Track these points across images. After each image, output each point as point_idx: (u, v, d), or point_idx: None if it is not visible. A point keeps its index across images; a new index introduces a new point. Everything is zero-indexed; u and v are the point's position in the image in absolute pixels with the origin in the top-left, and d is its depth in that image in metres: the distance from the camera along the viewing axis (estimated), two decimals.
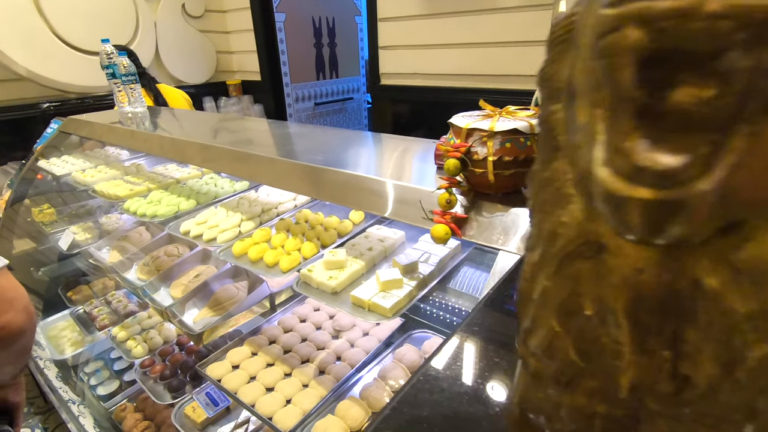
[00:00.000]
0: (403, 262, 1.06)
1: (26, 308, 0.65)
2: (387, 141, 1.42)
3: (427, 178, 1.06)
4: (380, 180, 1.04)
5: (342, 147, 1.42)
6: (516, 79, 2.88)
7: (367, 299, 0.97)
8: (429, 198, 0.95)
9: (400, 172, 1.12)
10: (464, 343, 0.53)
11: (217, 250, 1.30)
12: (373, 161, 1.22)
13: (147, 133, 1.80)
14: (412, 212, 0.98)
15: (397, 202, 1.01)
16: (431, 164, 1.15)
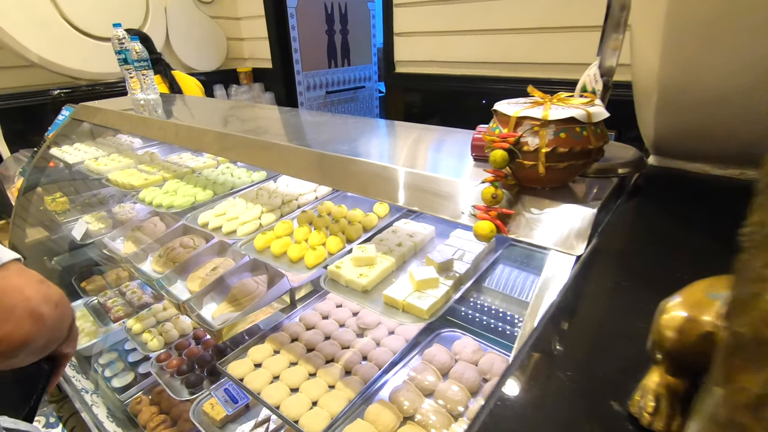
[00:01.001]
0: (437, 259, 0.99)
1: (33, 313, 0.57)
2: (414, 130, 1.35)
3: (463, 171, 0.99)
4: (414, 172, 0.97)
5: (366, 136, 1.35)
6: (536, 67, 2.78)
7: (401, 299, 0.91)
8: (469, 192, 0.88)
9: (434, 163, 1.05)
10: (540, 363, 0.47)
11: (238, 244, 1.24)
12: (402, 151, 1.15)
13: (161, 121, 1.74)
14: (449, 207, 0.91)
15: (432, 195, 0.94)
16: (466, 155, 1.08)
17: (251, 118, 1.67)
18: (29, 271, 0.62)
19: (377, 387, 1.09)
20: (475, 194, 0.88)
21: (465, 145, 1.17)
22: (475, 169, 1.00)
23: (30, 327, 0.56)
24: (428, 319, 0.88)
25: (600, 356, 0.45)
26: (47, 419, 2.44)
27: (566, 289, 0.58)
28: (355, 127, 1.47)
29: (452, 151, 1.15)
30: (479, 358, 1.14)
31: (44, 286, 0.61)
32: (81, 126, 2.51)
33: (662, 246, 0.71)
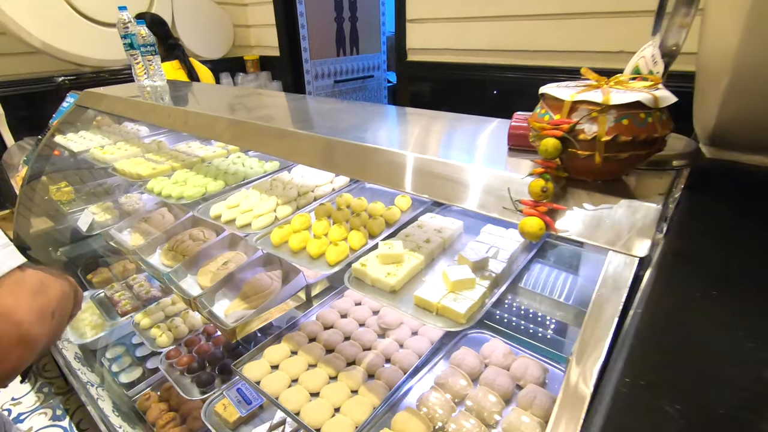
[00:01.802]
0: (472, 258, 0.92)
1: (23, 340, 0.52)
2: (440, 118, 1.26)
3: (500, 162, 0.91)
4: (447, 163, 0.89)
5: (388, 124, 1.27)
6: (555, 55, 2.67)
7: (435, 301, 0.83)
8: (511, 185, 0.80)
9: (466, 153, 0.97)
10: (639, 392, 0.39)
11: (253, 238, 1.17)
12: (430, 140, 1.07)
13: (170, 108, 1.66)
14: (489, 201, 0.83)
15: (469, 188, 0.86)
16: (500, 145, 1.00)
17: (263, 105, 1.59)
18: (25, 281, 0.56)
19: (403, 393, 1.03)
20: (517, 187, 0.80)
21: (498, 134, 1.09)
22: (512, 159, 0.92)
23: (19, 355, 0.51)
24: (465, 324, 0.80)
25: (712, 385, 0.37)
26: (54, 412, 2.41)
27: (646, 299, 0.51)
28: (375, 114, 1.39)
29: (485, 140, 1.06)
30: (511, 362, 1.07)
31: (40, 298, 0.55)
32: (86, 113, 2.43)
33: (740, 247, 0.63)
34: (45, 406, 2.46)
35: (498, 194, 0.82)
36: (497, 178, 0.82)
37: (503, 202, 0.81)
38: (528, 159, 0.90)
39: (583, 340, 0.65)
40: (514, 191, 0.80)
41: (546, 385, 1.02)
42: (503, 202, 0.81)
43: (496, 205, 0.82)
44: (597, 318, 0.65)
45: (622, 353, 0.43)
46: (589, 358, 0.64)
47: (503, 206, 0.81)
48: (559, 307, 1.07)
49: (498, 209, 0.82)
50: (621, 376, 0.40)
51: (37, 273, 0.61)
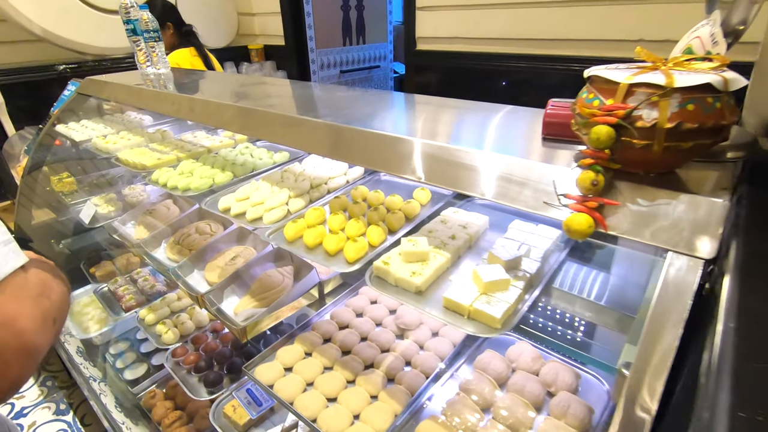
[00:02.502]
0: (503, 256, 0.85)
1: (25, 350, 0.47)
2: (464, 106, 1.19)
3: (535, 152, 0.84)
4: (480, 154, 0.82)
5: (407, 112, 1.19)
6: (569, 44, 2.58)
7: (467, 304, 0.76)
8: (553, 177, 0.73)
9: (498, 143, 0.89)
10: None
11: (265, 233, 1.10)
12: (456, 130, 0.99)
13: (175, 95, 1.58)
14: (527, 195, 0.76)
15: (504, 181, 0.79)
16: (533, 134, 0.92)
17: (273, 93, 1.51)
18: (28, 283, 0.50)
19: (425, 399, 0.96)
20: (560, 179, 0.72)
21: (527, 123, 1.01)
22: (547, 150, 0.84)
23: (21, 367, 0.46)
24: (501, 329, 0.73)
25: None
26: (57, 406, 2.37)
27: (737, 310, 0.44)
28: (391, 102, 1.31)
29: (514, 130, 0.99)
30: (539, 367, 1.00)
31: (43, 302, 0.50)
32: (88, 102, 2.36)
33: None
34: (48, 400, 2.42)
35: (538, 187, 0.75)
36: (537, 169, 0.75)
37: (544, 196, 0.74)
38: (566, 149, 0.83)
39: (643, 352, 0.58)
40: (555, 183, 0.73)
41: (578, 392, 0.95)
42: (544, 197, 0.74)
43: (536, 200, 0.75)
44: (659, 328, 0.58)
45: (722, 378, 0.36)
46: (652, 374, 0.57)
47: (544, 201, 0.74)
48: (593, 309, 1.00)
49: (537, 204, 0.75)
50: (732, 408, 0.33)
51: (38, 273, 0.55)
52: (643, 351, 0.58)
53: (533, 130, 0.96)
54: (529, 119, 1.04)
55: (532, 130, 0.96)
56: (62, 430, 2.24)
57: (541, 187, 0.75)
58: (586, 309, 0.86)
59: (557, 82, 2.68)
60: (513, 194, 0.78)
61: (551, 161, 0.77)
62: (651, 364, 0.57)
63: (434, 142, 0.88)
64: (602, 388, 0.96)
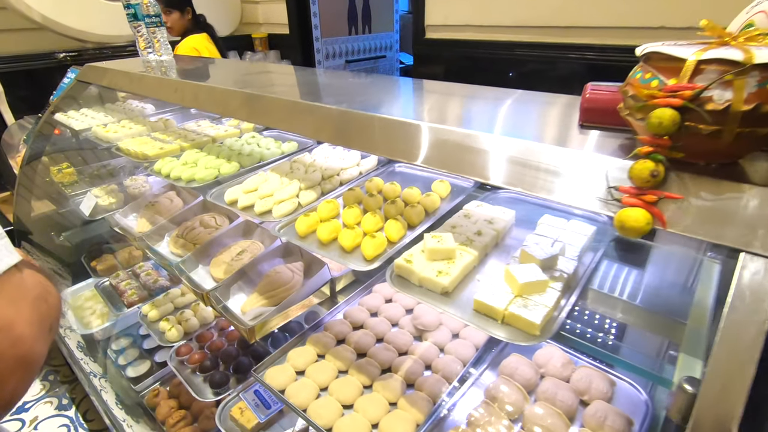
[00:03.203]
0: (538, 254, 0.77)
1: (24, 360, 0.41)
2: (488, 93, 1.11)
3: (573, 141, 0.76)
4: (515, 141, 0.74)
5: (428, 98, 1.11)
6: (586, 32, 2.48)
7: (501, 308, 0.69)
8: (603, 168, 0.65)
9: (532, 131, 0.82)
10: None
11: (275, 227, 1.03)
12: (486, 118, 0.91)
13: (178, 81, 1.51)
14: (569, 188, 0.69)
15: (542, 172, 0.71)
16: (569, 122, 0.85)
17: (281, 79, 1.43)
18: (25, 285, 0.43)
19: (449, 407, 0.89)
20: (605, 171, 0.65)
21: (562, 109, 0.94)
22: (587, 138, 0.77)
23: (19, 379, 0.39)
24: (540, 336, 0.66)
25: None
26: (59, 401, 2.32)
27: None
28: (412, 88, 1.23)
29: (547, 117, 0.91)
30: (570, 373, 0.93)
31: (41, 307, 0.43)
32: (88, 90, 2.29)
33: None
34: (51, 394, 2.37)
35: (581, 179, 0.67)
36: (580, 159, 0.67)
37: (589, 189, 0.66)
38: (609, 137, 0.75)
39: (716, 367, 0.51)
40: (599, 175, 0.65)
41: (613, 401, 0.88)
42: (589, 190, 0.66)
43: (580, 193, 0.67)
44: (734, 339, 0.51)
45: None
46: (729, 392, 0.50)
47: (589, 194, 0.67)
48: (617, 307, 0.93)
49: (583, 198, 0.67)
50: None
51: (35, 275, 0.49)
52: (716, 366, 0.51)
53: (567, 117, 0.88)
54: (560, 106, 0.96)
55: (566, 118, 0.88)
56: (64, 426, 2.19)
57: (586, 179, 0.67)
58: (627, 313, 0.79)
59: (570, 71, 2.59)
60: (552, 187, 0.70)
61: (596, 150, 0.69)
62: (727, 381, 0.50)
63: (461, 129, 0.80)
64: (639, 397, 0.89)
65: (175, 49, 2.94)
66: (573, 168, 0.68)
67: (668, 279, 0.91)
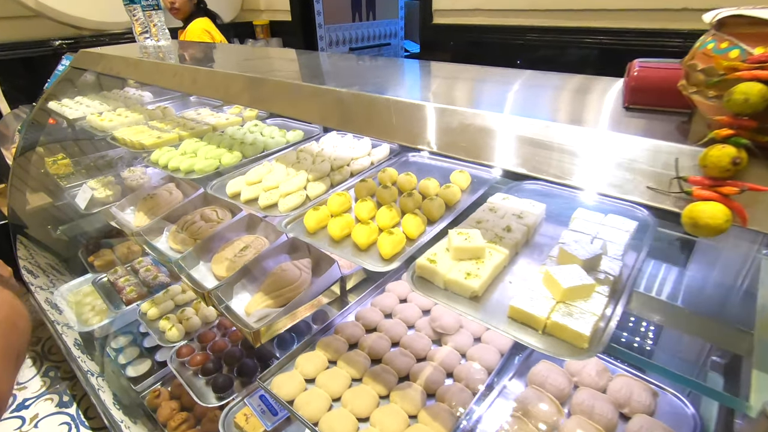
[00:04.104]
0: (580, 254, 0.68)
1: None
2: (512, 76, 1.01)
3: (621, 124, 0.67)
4: (559, 127, 0.65)
5: (453, 82, 1.01)
6: (603, 15, 2.36)
7: (543, 316, 0.60)
8: (669, 155, 0.56)
9: (576, 116, 0.72)
10: None
11: (282, 222, 0.94)
12: (519, 101, 0.82)
13: (177, 66, 1.41)
14: (621, 179, 0.59)
15: (589, 161, 0.62)
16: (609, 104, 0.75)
17: (285, 64, 1.33)
18: None
19: (474, 421, 0.81)
20: (670, 159, 0.55)
21: (600, 91, 0.84)
22: (639, 121, 0.67)
23: None
24: (589, 350, 0.58)
25: None
26: (60, 398, 2.26)
27: None
28: (430, 70, 1.13)
29: (586, 99, 0.82)
30: (607, 382, 0.85)
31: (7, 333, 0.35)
32: (83, 77, 2.19)
33: None
34: (51, 391, 2.31)
35: (638, 168, 0.58)
36: (637, 146, 0.58)
37: (647, 179, 0.57)
38: (662, 120, 0.66)
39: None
40: (658, 164, 0.56)
41: (656, 415, 0.80)
42: (649, 180, 0.57)
43: (636, 184, 0.58)
44: None
45: None
46: None
47: (647, 185, 0.57)
48: (657, 310, 0.84)
49: (639, 190, 0.58)
50: None
51: (3, 292, 0.40)
52: None
53: (609, 99, 0.79)
54: (594, 87, 0.87)
55: (605, 100, 0.79)
56: (65, 424, 2.13)
57: (643, 168, 0.58)
58: (680, 319, 0.70)
59: (585, 56, 2.48)
60: (605, 179, 0.61)
61: (651, 135, 0.60)
62: None
63: (493, 113, 0.71)
64: (686, 410, 0.80)
65: (184, 33, 2.86)
66: (627, 155, 0.59)
67: (720, 280, 0.82)
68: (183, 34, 2.88)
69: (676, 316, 0.72)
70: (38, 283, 2.13)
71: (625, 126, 0.65)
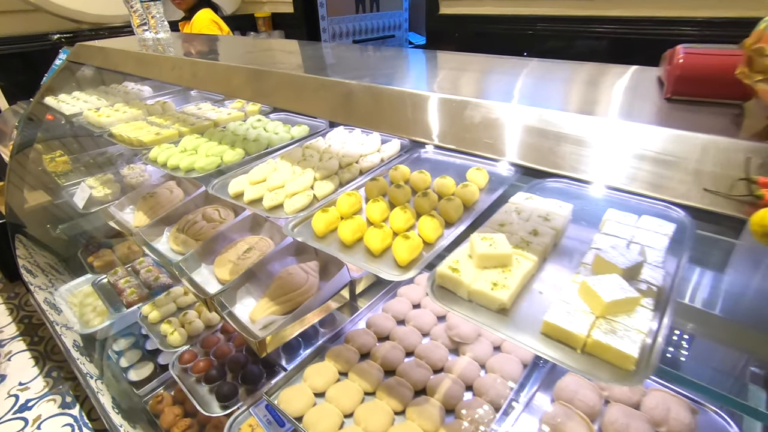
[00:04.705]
0: (620, 262, 0.61)
1: None
2: (536, 66, 0.93)
3: (673, 119, 0.59)
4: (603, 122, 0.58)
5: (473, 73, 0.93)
6: (618, 2, 2.27)
7: (582, 334, 0.54)
8: (726, 153, 0.49)
9: (616, 109, 0.65)
10: None
11: (288, 225, 0.88)
12: (547, 92, 0.75)
13: (176, 58, 1.35)
14: (674, 180, 0.53)
15: (637, 159, 0.55)
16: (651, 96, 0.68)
17: (289, 57, 1.26)
18: None
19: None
20: (737, 158, 0.48)
21: (635, 82, 0.77)
22: (685, 114, 0.60)
23: None
24: (638, 374, 0.51)
25: None
26: (63, 399, 2.22)
27: None
28: (447, 61, 1.05)
29: (621, 90, 0.74)
30: (640, 397, 0.78)
31: None
32: (81, 71, 2.13)
33: None
34: (54, 392, 2.27)
35: (692, 168, 0.51)
36: (693, 142, 0.51)
37: (706, 180, 0.50)
38: (713, 113, 0.59)
39: None
40: (729, 164, 0.49)
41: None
42: (706, 181, 0.50)
43: (690, 186, 0.51)
44: None
45: None
46: None
47: (704, 188, 0.51)
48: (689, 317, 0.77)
49: (694, 193, 0.51)
50: None
51: None
52: None
53: (644, 90, 0.71)
54: (624, 77, 0.79)
55: (642, 91, 0.72)
56: (68, 425, 2.08)
57: (699, 168, 0.51)
58: (732, 335, 0.64)
59: (598, 47, 2.39)
60: (648, 178, 0.54)
61: (705, 130, 0.53)
62: None
63: (523, 107, 0.64)
64: (729, 430, 0.74)
65: (189, 24, 2.79)
66: (680, 154, 0.52)
67: (762, 286, 0.76)
68: (187, 26, 2.81)
69: (717, 326, 0.65)
70: (37, 282, 2.08)
71: (673, 120, 0.58)
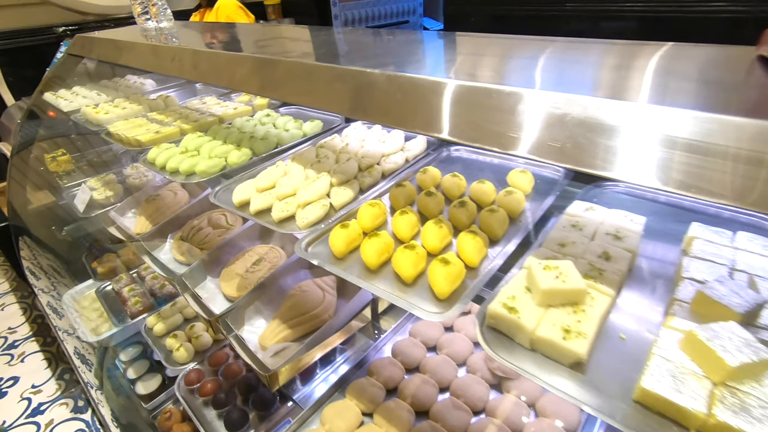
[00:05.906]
0: (735, 304, 0.47)
1: None
2: (594, 48, 0.77)
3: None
4: (696, 116, 0.42)
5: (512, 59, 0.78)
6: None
7: (701, 411, 0.39)
8: None
9: (703, 99, 0.49)
10: None
11: (302, 243, 0.74)
12: (619, 81, 0.59)
13: (175, 48, 1.21)
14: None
15: (746, 163, 0.40)
16: (736, 79, 0.52)
17: (303, 44, 1.12)
18: None
19: None
20: None
21: (724, 66, 0.61)
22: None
23: None
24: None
25: None
26: (75, 402, 2.16)
27: None
28: (478, 46, 0.90)
29: (709, 76, 0.58)
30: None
31: None
32: (83, 65, 2.01)
33: None
34: (66, 395, 2.20)
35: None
36: None
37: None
38: None
39: None
40: None
41: None
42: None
43: None
44: None
45: None
46: None
47: None
48: None
49: None
50: None
51: None
52: None
53: (731, 75, 0.56)
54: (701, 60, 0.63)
55: (730, 76, 0.56)
56: (80, 431, 2.02)
57: None
58: None
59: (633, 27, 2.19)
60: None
61: None
62: None
63: (595, 98, 0.49)
64: None
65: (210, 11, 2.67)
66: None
67: None
68: (206, 13, 2.68)
69: None
70: (41, 285, 2.01)
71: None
